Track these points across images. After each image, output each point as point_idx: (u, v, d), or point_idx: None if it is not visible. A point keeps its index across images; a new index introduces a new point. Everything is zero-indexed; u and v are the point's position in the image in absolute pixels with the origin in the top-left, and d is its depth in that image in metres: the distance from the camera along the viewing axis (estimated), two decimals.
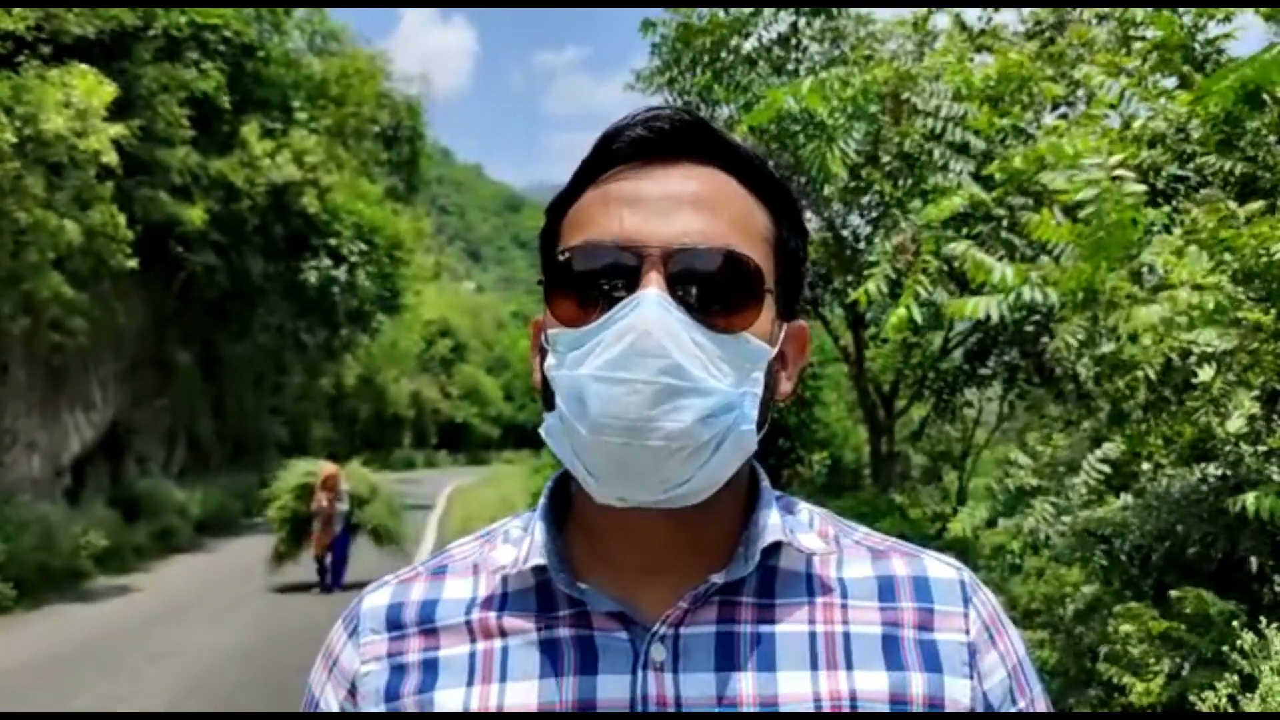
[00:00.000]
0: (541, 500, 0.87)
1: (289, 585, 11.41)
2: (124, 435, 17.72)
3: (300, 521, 11.38)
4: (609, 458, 0.75)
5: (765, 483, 0.86)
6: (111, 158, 12.14)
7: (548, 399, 0.81)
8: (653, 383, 0.73)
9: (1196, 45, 4.60)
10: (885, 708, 0.78)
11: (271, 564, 11.64)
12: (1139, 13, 5.18)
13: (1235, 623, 3.35)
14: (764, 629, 0.80)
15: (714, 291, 0.77)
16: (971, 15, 7.24)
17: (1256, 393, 3.95)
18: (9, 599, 10.48)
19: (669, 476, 0.75)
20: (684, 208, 0.78)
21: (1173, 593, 3.86)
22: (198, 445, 21.35)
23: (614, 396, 0.74)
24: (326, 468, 11.61)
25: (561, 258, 0.79)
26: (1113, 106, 4.45)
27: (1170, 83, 4.40)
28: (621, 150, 0.81)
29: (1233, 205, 3.26)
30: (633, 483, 0.76)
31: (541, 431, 0.81)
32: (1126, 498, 5.00)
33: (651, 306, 0.74)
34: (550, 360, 0.79)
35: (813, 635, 0.80)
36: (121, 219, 13.08)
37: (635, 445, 0.74)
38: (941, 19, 7.23)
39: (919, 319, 4.87)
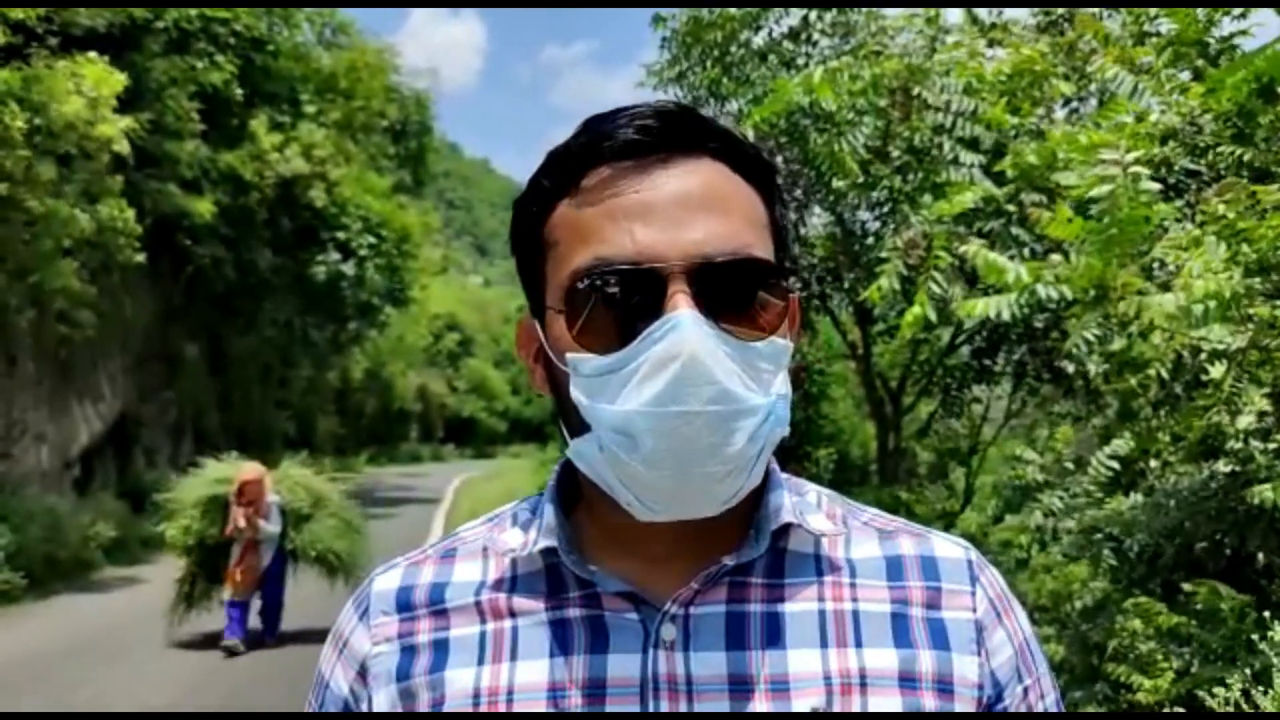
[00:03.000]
0: (549, 484, 0.87)
1: (188, 640, 8.20)
2: (132, 428, 17.80)
3: (215, 549, 8.02)
4: (664, 489, 0.75)
5: (774, 465, 0.86)
6: (123, 146, 12.17)
7: (573, 423, 0.79)
8: (705, 412, 0.72)
9: (1211, 41, 4.58)
10: (894, 685, 0.78)
11: (174, 609, 8.21)
12: (1152, 9, 5.16)
13: (1246, 619, 3.34)
14: (774, 608, 0.80)
15: (739, 301, 0.76)
16: (983, 9, 7.21)
17: (1267, 390, 3.94)
18: (18, 589, 10.54)
19: (724, 494, 0.76)
20: (695, 213, 0.76)
21: (1186, 586, 3.84)
22: (205, 438, 21.40)
23: (668, 431, 0.72)
24: (244, 472, 7.99)
25: (581, 284, 0.76)
26: (1124, 110, 4.43)
27: (1184, 77, 4.38)
28: (610, 152, 0.78)
29: (1255, 189, 3.24)
30: (688, 506, 0.76)
31: (569, 454, 0.80)
32: (1135, 495, 5.00)
33: (688, 328, 0.72)
34: (578, 390, 0.76)
35: (822, 614, 0.80)
36: (130, 213, 13.13)
37: (695, 473, 0.73)
38: (953, 14, 7.21)
39: (933, 317, 4.86)
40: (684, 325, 0.72)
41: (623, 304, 0.75)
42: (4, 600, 10.31)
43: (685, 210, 0.76)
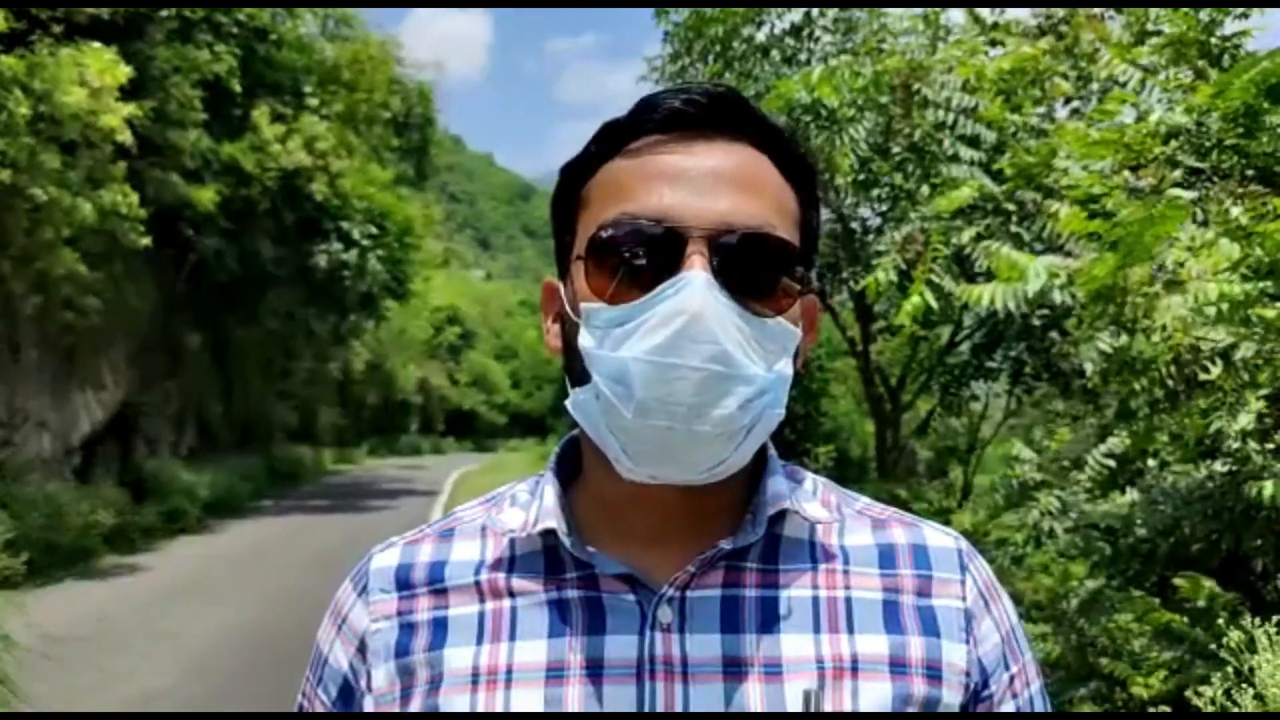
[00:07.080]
0: (549, 464, 0.88)
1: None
2: (133, 416, 17.81)
3: None
4: (651, 441, 0.76)
5: (772, 451, 0.87)
6: (126, 136, 12.15)
7: (576, 373, 0.80)
8: (702, 369, 0.74)
9: (1213, 41, 4.58)
10: (885, 669, 0.79)
11: None
12: (1154, 10, 5.16)
13: (1238, 618, 3.36)
14: (768, 593, 0.81)
15: (754, 275, 0.78)
16: (985, 9, 7.20)
17: (1266, 391, 3.94)
18: (19, 575, 10.56)
19: (708, 458, 0.77)
20: (725, 187, 0.78)
21: (1175, 580, 3.86)
22: (206, 428, 21.44)
23: (662, 381, 0.74)
24: None
25: (604, 234, 0.78)
26: (1126, 102, 4.43)
27: (1186, 77, 4.38)
28: (655, 122, 0.81)
29: (1269, 198, 3.24)
30: (673, 465, 0.77)
31: (568, 404, 0.81)
32: (1132, 493, 5.01)
33: (699, 289, 0.74)
34: (586, 337, 0.78)
35: (815, 600, 0.81)
36: (134, 196, 13.10)
37: (680, 430, 0.74)
38: (956, 14, 7.21)
39: (933, 304, 4.87)
40: (694, 285, 0.74)
41: (642, 260, 0.77)
42: (4, 586, 10.32)
43: (716, 182, 0.78)
